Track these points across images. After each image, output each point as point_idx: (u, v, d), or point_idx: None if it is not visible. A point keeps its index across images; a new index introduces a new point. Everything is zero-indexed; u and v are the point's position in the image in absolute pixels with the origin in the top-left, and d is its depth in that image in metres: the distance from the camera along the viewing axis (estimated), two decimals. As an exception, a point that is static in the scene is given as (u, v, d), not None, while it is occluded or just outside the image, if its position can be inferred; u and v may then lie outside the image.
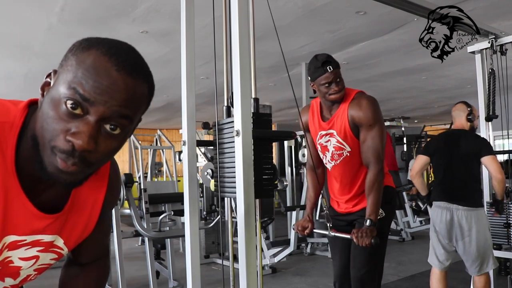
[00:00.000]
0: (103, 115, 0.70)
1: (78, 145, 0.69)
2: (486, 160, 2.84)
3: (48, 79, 0.76)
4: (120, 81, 0.70)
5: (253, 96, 1.85)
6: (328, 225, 2.19)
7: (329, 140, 2.22)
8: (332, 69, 2.10)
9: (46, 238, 0.85)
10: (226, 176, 1.81)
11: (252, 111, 1.81)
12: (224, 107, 1.95)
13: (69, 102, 0.69)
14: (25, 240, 0.83)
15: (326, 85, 2.11)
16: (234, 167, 1.57)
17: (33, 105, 0.80)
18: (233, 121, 1.58)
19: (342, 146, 2.17)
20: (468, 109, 3.00)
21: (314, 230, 2.27)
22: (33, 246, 0.85)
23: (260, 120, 1.88)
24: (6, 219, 0.77)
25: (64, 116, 0.70)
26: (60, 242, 0.89)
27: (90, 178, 0.80)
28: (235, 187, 1.58)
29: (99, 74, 0.69)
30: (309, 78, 2.19)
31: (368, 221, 2.00)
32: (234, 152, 1.57)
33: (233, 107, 1.60)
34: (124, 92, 0.70)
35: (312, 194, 2.36)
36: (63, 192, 0.84)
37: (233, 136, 1.57)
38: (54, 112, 0.70)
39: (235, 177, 1.58)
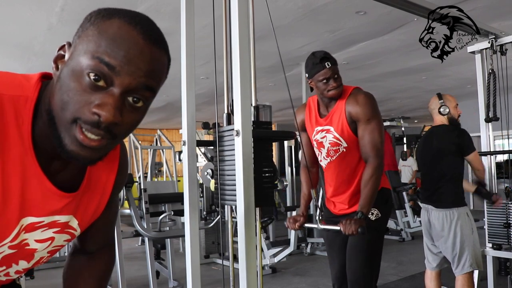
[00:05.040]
0: (128, 87, 0.67)
1: (105, 117, 0.66)
2: (469, 158, 2.78)
3: (61, 52, 0.74)
4: (147, 50, 0.68)
5: (253, 104, 1.83)
6: (317, 218, 2.18)
7: (325, 136, 2.21)
8: (330, 65, 2.09)
9: (62, 218, 0.83)
10: (227, 184, 1.80)
11: (252, 119, 1.80)
12: (225, 114, 1.93)
13: (91, 74, 0.66)
14: (43, 221, 0.80)
15: (324, 81, 2.10)
16: (234, 175, 1.56)
17: (44, 79, 0.77)
18: (233, 129, 1.56)
19: (339, 142, 2.17)
20: (440, 101, 2.87)
21: (305, 225, 2.26)
22: (50, 228, 0.83)
23: (260, 128, 1.87)
24: (24, 200, 0.74)
25: (87, 88, 0.66)
26: (74, 223, 0.87)
27: (103, 158, 0.78)
28: (235, 194, 1.56)
29: (126, 42, 0.66)
30: (307, 75, 2.17)
31: (359, 213, 1.96)
32: (234, 160, 1.56)
33: (233, 114, 1.59)
34: (150, 61, 0.69)
35: (306, 192, 2.34)
36: (77, 170, 0.82)
37: (233, 144, 1.55)
38: (76, 84, 0.67)
39: (235, 184, 1.56)
